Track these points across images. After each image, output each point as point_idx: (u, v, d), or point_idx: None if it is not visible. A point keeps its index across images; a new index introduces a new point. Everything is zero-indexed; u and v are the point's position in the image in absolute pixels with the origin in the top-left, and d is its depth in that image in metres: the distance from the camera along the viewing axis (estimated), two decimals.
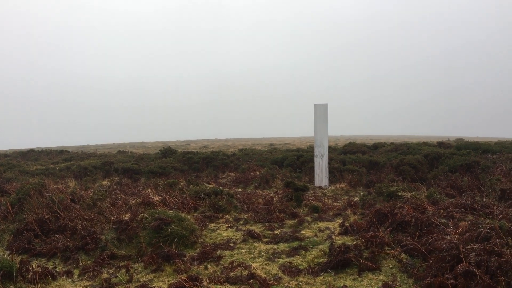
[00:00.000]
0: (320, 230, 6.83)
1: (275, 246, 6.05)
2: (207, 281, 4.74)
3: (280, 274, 4.95)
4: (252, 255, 5.69)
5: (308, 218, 7.72)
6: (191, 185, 11.86)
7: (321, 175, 12.69)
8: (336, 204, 9.36)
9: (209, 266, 5.28)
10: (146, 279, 4.97)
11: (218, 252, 5.80)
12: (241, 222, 7.65)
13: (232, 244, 6.23)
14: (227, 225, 7.47)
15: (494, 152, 16.65)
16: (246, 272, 4.93)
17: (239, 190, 12.22)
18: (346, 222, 6.81)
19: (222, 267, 5.25)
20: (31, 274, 5.01)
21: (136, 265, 5.46)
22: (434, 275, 4.17)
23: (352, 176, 12.74)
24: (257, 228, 7.07)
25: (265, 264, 5.33)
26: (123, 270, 5.26)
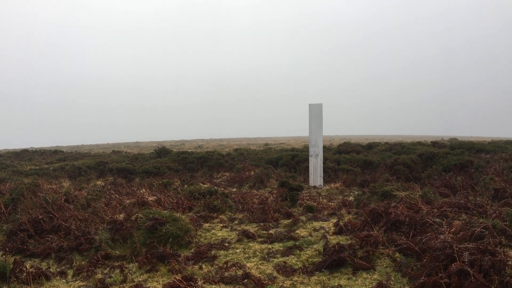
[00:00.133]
0: (315, 230, 6.85)
1: (270, 246, 6.05)
2: (202, 281, 4.74)
3: (275, 273, 4.95)
4: (246, 255, 5.69)
5: (303, 218, 7.73)
6: (186, 185, 11.85)
7: (315, 174, 12.71)
8: (330, 203, 9.38)
9: (203, 266, 5.28)
10: (140, 279, 4.96)
11: (213, 252, 5.80)
12: (236, 222, 7.65)
13: (226, 244, 6.23)
14: (221, 225, 7.46)
15: (487, 152, 16.75)
16: (240, 272, 4.93)
17: (234, 190, 12.22)
18: (341, 221, 6.82)
19: (216, 267, 5.24)
20: (24, 274, 4.99)
21: (130, 265, 5.45)
22: (428, 274, 4.19)
23: (346, 176, 12.78)
24: (251, 228, 7.07)
25: (260, 263, 5.33)
26: (117, 270, 5.24)
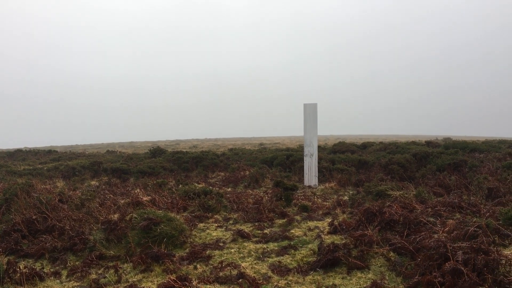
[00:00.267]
0: (310, 229, 6.86)
1: (265, 246, 6.06)
2: (197, 281, 4.73)
3: (270, 273, 4.95)
4: (241, 255, 5.69)
5: (298, 218, 7.74)
6: (181, 185, 11.83)
7: (310, 174, 12.73)
8: (325, 203, 9.40)
9: (198, 266, 5.27)
10: (135, 280, 4.95)
11: (208, 252, 5.79)
12: (231, 222, 7.65)
13: (221, 244, 6.23)
14: (216, 224, 7.46)
15: (481, 151, 16.85)
16: (235, 272, 4.92)
17: (229, 189, 12.21)
18: (335, 221, 6.84)
19: (211, 267, 5.24)
20: (18, 275, 4.96)
21: (125, 265, 5.43)
22: (422, 273, 4.21)
23: (341, 175, 12.81)
24: (246, 228, 7.07)
25: (255, 263, 5.33)
26: (111, 271, 5.22)
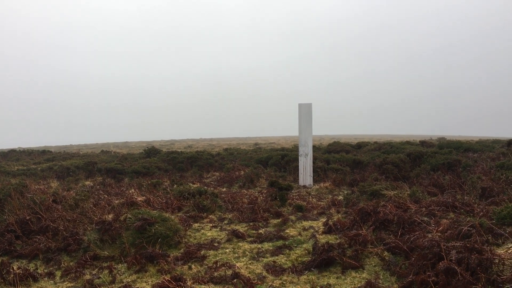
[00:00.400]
0: (304, 229, 6.86)
1: (260, 246, 6.06)
2: (191, 281, 4.72)
3: (264, 273, 4.96)
4: (236, 255, 5.69)
5: (292, 217, 7.75)
6: (175, 185, 11.80)
7: (305, 174, 12.74)
8: (320, 203, 9.42)
9: (193, 266, 5.26)
10: (129, 280, 4.93)
11: (202, 252, 5.79)
12: (226, 222, 7.64)
13: (216, 244, 6.22)
14: (211, 225, 7.45)
15: (475, 151, 16.94)
16: (230, 272, 4.92)
17: (224, 189, 12.20)
18: (330, 221, 6.85)
19: (206, 267, 5.23)
20: (12, 276, 4.94)
21: (119, 266, 5.41)
22: (416, 273, 4.22)
23: (336, 175, 12.82)
24: (241, 228, 7.07)
25: (249, 263, 5.33)
26: (106, 271, 5.20)
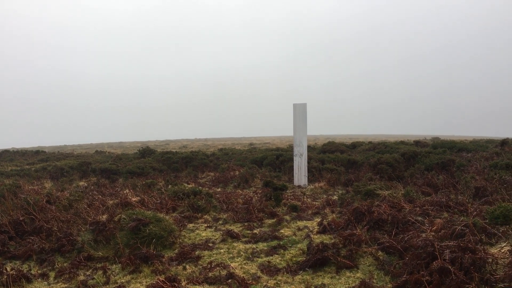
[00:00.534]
0: (299, 229, 6.87)
1: (254, 246, 6.06)
2: (186, 281, 4.72)
3: (259, 273, 4.96)
4: (231, 255, 5.69)
5: (287, 217, 7.76)
6: (170, 185, 11.78)
7: (300, 174, 12.75)
8: (315, 203, 9.43)
9: (187, 266, 5.25)
10: (123, 281, 4.92)
11: (197, 252, 5.78)
12: (220, 222, 7.63)
13: (211, 244, 6.22)
14: (206, 225, 7.44)
15: (469, 151, 17.03)
16: (224, 272, 4.92)
17: (219, 190, 12.19)
18: (325, 220, 6.86)
19: (200, 267, 5.22)
20: (5, 277, 4.91)
21: (113, 266, 5.40)
22: (410, 272, 4.24)
23: (331, 175, 12.84)
24: (236, 228, 7.07)
25: (244, 263, 5.33)
26: (100, 272, 5.18)
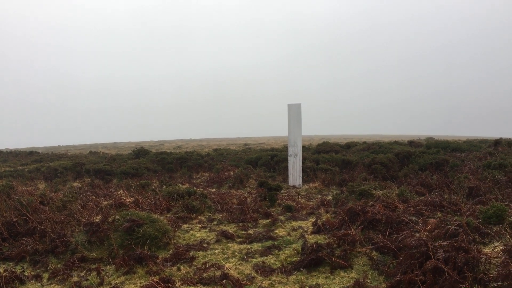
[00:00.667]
0: (293, 229, 6.88)
1: (249, 246, 6.06)
2: (180, 282, 4.71)
3: (253, 274, 4.96)
4: (225, 256, 5.68)
5: (282, 218, 7.76)
6: (164, 186, 11.76)
7: (294, 174, 12.77)
8: (309, 203, 9.44)
9: (182, 267, 5.25)
10: (117, 282, 4.90)
11: (191, 253, 5.77)
12: (215, 223, 7.63)
13: (205, 245, 6.21)
14: (200, 225, 7.43)
15: (462, 151, 17.12)
16: (219, 273, 4.91)
17: (213, 190, 12.19)
18: (319, 221, 6.87)
19: (195, 268, 5.22)
20: None
21: (107, 267, 5.38)
22: (404, 272, 4.25)
23: (325, 175, 12.86)
24: (230, 228, 7.07)
25: (239, 264, 5.32)
26: (94, 273, 5.16)
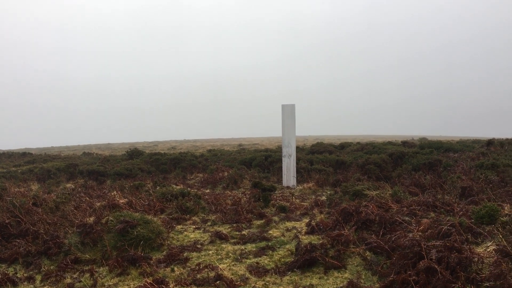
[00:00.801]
0: (287, 230, 6.88)
1: (243, 247, 6.05)
2: (174, 283, 4.70)
3: (247, 274, 4.96)
4: (219, 256, 5.68)
5: (276, 218, 7.77)
6: (158, 187, 11.73)
7: (289, 175, 12.77)
8: (303, 203, 9.45)
9: (175, 268, 5.23)
10: (111, 283, 4.88)
11: (185, 254, 5.76)
12: (209, 223, 7.62)
13: (199, 246, 6.20)
14: (194, 226, 7.42)
15: (455, 151, 17.21)
16: (213, 274, 4.91)
17: (207, 191, 12.17)
18: (313, 221, 6.88)
19: (189, 269, 5.21)
20: None
21: (100, 269, 5.36)
22: (397, 272, 4.27)
23: (319, 176, 12.88)
24: (224, 229, 7.06)
25: (233, 265, 5.32)
26: (87, 275, 5.14)
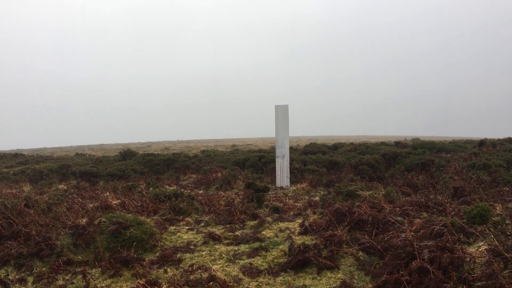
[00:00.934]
0: (281, 231, 6.89)
1: (236, 248, 6.05)
2: (167, 285, 4.68)
3: (241, 275, 4.95)
4: (212, 257, 5.67)
5: (269, 219, 7.77)
6: (151, 188, 11.69)
7: (282, 175, 12.78)
8: (296, 204, 9.46)
9: (168, 269, 5.22)
10: (103, 285, 4.86)
11: (178, 255, 5.75)
12: (202, 224, 7.61)
13: (192, 247, 6.19)
14: (187, 227, 7.41)
15: (448, 151, 17.31)
16: (206, 275, 4.90)
17: (201, 192, 12.15)
18: (306, 222, 6.89)
19: (182, 270, 5.20)
20: None
21: (93, 270, 5.33)
22: (390, 272, 4.29)
23: (312, 176, 12.90)
24: (218, 230, 7.05)
25: (226, 266, 5.32)
26: (79, 276, 5.12)
